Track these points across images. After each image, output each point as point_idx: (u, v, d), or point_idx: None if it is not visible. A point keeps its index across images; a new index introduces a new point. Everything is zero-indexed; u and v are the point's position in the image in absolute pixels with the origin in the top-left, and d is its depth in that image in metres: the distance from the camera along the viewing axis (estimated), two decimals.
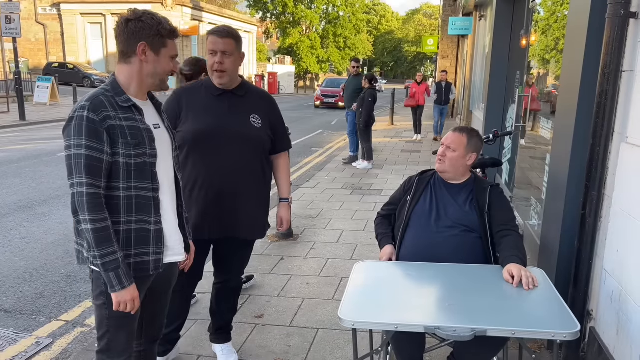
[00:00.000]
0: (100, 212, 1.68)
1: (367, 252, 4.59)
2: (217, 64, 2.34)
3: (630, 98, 2.26)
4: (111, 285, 1.72)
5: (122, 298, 1.74)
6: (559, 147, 2.93)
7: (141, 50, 1.76)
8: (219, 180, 2.42)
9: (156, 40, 1.77)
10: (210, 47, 2.34)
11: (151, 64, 1.79)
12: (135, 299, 1.77)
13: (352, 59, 9.81)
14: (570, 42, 2.86)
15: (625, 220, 2.23)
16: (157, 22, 1.77)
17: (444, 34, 18.42)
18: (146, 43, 1.76)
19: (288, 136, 2.76)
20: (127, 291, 1.74)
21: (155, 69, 1.81)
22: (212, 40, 2.34)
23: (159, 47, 1.79)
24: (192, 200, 2.42)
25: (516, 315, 1.82)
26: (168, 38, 1.80)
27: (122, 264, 1.72)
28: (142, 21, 1.75)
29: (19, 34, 14.11)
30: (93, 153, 1.67)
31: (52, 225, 5.30)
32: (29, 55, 29.88)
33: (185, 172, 2.40)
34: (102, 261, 1.69)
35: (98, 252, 1.68)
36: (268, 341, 3.04)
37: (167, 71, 1.83)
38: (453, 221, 2.36)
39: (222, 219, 2.46)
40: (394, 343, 2.27)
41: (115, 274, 1.71)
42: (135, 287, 1.77)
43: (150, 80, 1.83)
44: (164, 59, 1.81)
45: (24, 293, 3.76)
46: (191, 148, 2.39)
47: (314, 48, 47.16)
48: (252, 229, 2.59)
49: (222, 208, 2.44)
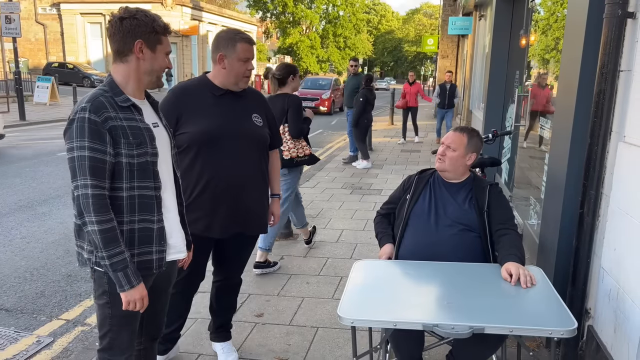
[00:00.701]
0: (106, 213, 1.68)
1: (366, 251, 4.60)
2: (249, 71, 2.45)
3: (628, 97, 2.27)
4: (120, 285, 1.73)
5: (132, 297, 1.75)
6: (557, 146, 2.95)
7: (138, 48, 1.76)
8: (229, 180, 2.44)
9: (152, 37, 1.77)
10: (247, 55, 2.42)
11: (148, 61, 1.79)
12: (144, 298, 1.78)
13: (351, 58, 9.81)
14: (568, 42, 2.87)
15: (622, 219, 2.24)
16: (152, 19, 1.77)
17: (444, 34, 18.42)
18: (142, 40, 1.76)
19: (279, 133, 2.80)
20: (136, 290, 1.75)
21: (152, 66, 1.81)
22: (248, 49, 2.42)
23: (155, 44, 1.79)
24: (202, 200, 2.43)
25: (514, 313, 1.83)
26: (162, 35, 1.81)
27: (130, 263, 1.73)
28: (137, 18, 1.74)
29: (18, 34, 14.12)
30: (96, 154, 1.67)
31: (52, 225, 5.31)
32: (28, 55, 29.88)
33: (194, 173, 2.41)
34: (110, 261, 1.69)
35: (106, 253, 1.68)
36: (268, 340, 3.05)
37: (163, 68, 1.84)
38: (452, 220, 2.38)
39: (234, 216, 2.49)
40: (392, 341, 2.29)
41: (124, 274, 1.72)
42: (143, 285, 1.78)
43: (147, 78, 1.83)
44: (160, 56, 1.81)
45: (25, 292, 3.78)
46: (200, 149, 2.40)
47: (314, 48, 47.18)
48: (260, 224, 2.65)
49: (233, 206, 2.47)
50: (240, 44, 2.38)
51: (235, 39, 2.39)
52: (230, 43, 2.38)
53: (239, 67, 2.39)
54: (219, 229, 2.47)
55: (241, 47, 2.38)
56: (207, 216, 2.44)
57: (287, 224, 4.90)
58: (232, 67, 2.39)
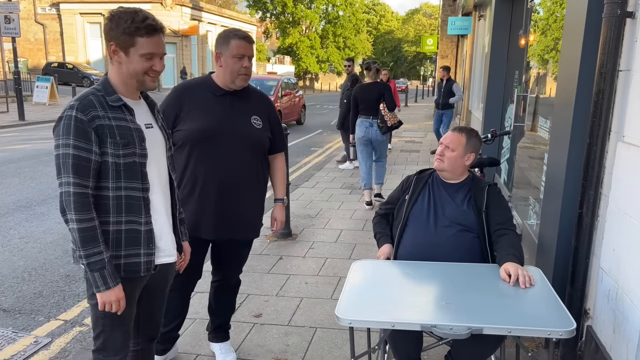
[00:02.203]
0: (87, 212, 1.68)
1: (365, 251, 4.59)
2: (245, 69, 2.40)
3: (627, 97, 2.26)
4: (96, 285, 1.72)
5: (107, 298, 1.73)
6: (556, 146, 2.94)
7: (112, 51, 1.74)
8: (221, 180, 2.43)
9: (122, 39, 1.71)
10: (241, 52, 2.37)
11: (124, 64, 1.75)
12: (120, 300, 1.76)
13: (346, 59, 9.76)
14: (567, 42, 2.86)
15: (622, 219, 2.23)
16: (125, 21, 1.70)
17: (444, 34, 18.42)
18: (114, 43, 1.72)
19: (284, 137, 2.77)
20: (112, 292, 1.73)
21: (128, 69, 1.75)
22: (243, 45, 2.37)
23: (127, 47, 1.72)
24: (194, 199, 2.43)
25: (513, 314, 1.83)
26: (138, 36, 1.72)
27: (107, 264, 1.72)
28: (113, 21, 1.71)
29: (18, 34, 14.12)
30: (81, 153, 1.67)
31: (51, 225, 5.30)
32: (28, 55, 29.87)
33: (187, 171, 2.42)
34: (87, 261, 1.69)
35: (83, 252, 1.68)
36: (266, 340, 3.04)
37: (140, 70, 1.75)
38: (451, 220, 2.37)
39: (224, 218, 2.47)
40: (391, 341, 2.28)
41: (100, 274, 1.71)
42: (120, 287, 1.76)
43: (130, 81, 1.79)
44: (135, 58, 1.73)
45: (23, 292, 3.77)
46: (193, 147, 2.39)
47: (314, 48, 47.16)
48: (252, 228, 2.61)
49: (222, 207, 2.45)
50: (234, 40, 2.36)
51: (230, 36, 2.38)
52: (225, 41, 2.38)
53: (234, 63, 2.37)
54: (211, 229, 2.46)
55: (235, 43, 2.36)
56: (200, 216, 2.43)
57: (287, 224, 4.89)
58: (227, 64, 2.38)
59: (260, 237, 4.79)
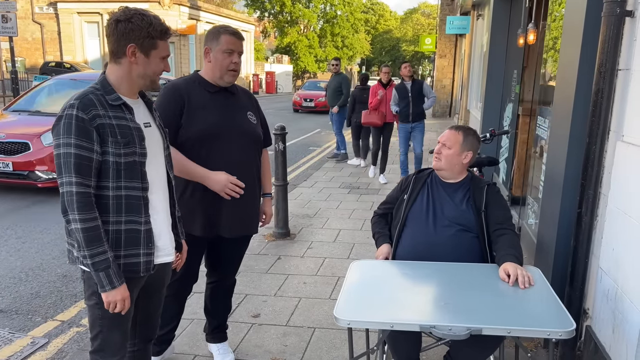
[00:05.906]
0: (90, 211, 1.67)
1: (364, 251, 4.58)
2: (234, 64, 2.39)
3: (626, 97, 2.26)
4: (101, 285, 1.71)
5: (113, 298, 1.73)
6: (555, 145, 2.93)
7: (130, 52, 1.74)
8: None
9: (146, 42, 1.74)
10: (230, 47, 2.36)
11: (141, 65, 1.77)
12: (125, 299, 1.76)
13: (332, 58, 9.73)
14: (566, 41, 2.86)
15: (621, 219, 2.23)
16: (147, 24, 1.74)
17: (442, 33, 18.39)
18: (135, 45, 1.74)
19: (269, 132, 2.78)
20: (118, 291, 1.73)
21: (145, 70, 1.78)
22: (232, 41, 2.36)
23: (149, 49, 1.76)
24: (196, 199, 2.41)
25: (512, 314, 1.82)
26: (159, 39, 1.77)
27: (112, 263, 1.71)
28: (132, 22, 1.72)
29: (15, 33, 14.09)
30: (83, 152, 1.66)
31: (48, 225, 5.28)
32: (25, 55, 29.78)
33: None
34: (92, 261, 1.68)
35: (88, 252, 1.67)
36: (264, 340, 3.03)
37: (157, 72, 1.81)
38: (450, 220, 2.36)
39: (240, 215, 2.48)
40: (390, 342, 2.27)
41: (106, 274, 1.70)
42: (125, 287, 1.76)
43: (140, 81, 1.82)
44: (154, 61, 1.79)
45: (20, 293, 3.75)
46: (197, 146, 2.37)
47: (312, 47, 47.12)
48: (257, 222, 2.64)
49: (238, 204, 2.45)
50: (224, 35, 2.35)
51: (220, 31, 2.37)
52: (214, 36, 2.37)
53: (223, 59, 2.36)
54: (231, 227, 2.47)
55: (225, 38, 2.35)
56: (204, 215, 2.42)
57: (285, 224, 4.89)
58: (217, 59, 2.37)
59: (259, 237, 4.79)
